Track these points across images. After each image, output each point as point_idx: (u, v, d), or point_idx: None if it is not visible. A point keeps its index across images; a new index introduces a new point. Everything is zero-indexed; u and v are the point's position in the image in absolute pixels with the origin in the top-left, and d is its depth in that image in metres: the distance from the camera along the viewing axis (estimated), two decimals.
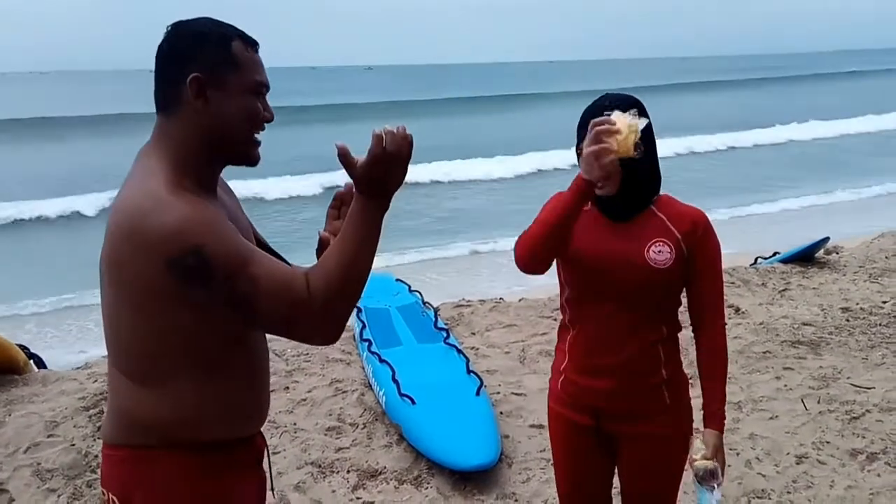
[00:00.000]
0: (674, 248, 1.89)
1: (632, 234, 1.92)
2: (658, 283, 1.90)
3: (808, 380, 4.45)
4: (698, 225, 1.92)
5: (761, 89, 53.76)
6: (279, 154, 20.91)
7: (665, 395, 1.99)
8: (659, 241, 1.90)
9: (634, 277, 1.90)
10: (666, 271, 1.89)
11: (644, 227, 1.92)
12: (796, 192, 14.59)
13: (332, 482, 3.49)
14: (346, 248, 1.38)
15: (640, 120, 1.76)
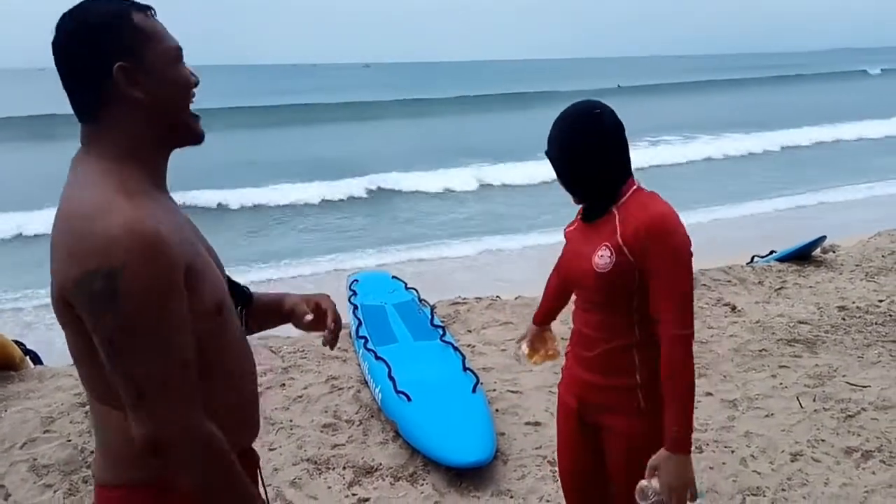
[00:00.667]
0: (614, 253, 1.89)
1: (591, 238, 1.99)
2: (602, 287, 1.93)
3: (804, 378, 4.45)
4: (641, 229, 1.86)
5: (776, 88, 54.03)
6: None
7: (639, 397, 1.98)
8: (604, 246, 1.92)
9: (585, 280, 1.98)
10: (606, 275, 1.90)
11: (600, 232, 1.96)
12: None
13: (328, 479, 3.49)
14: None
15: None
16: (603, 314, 2.00)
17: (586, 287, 2.00)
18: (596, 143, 1.93)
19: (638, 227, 1.86)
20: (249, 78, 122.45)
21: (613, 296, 1.94)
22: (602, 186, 1.97)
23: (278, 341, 5.27)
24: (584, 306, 2.06)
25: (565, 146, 1.96)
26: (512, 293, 6.22)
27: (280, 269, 10.48)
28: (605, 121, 1.94)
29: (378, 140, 28.27)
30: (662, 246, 1.84)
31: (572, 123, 1.95)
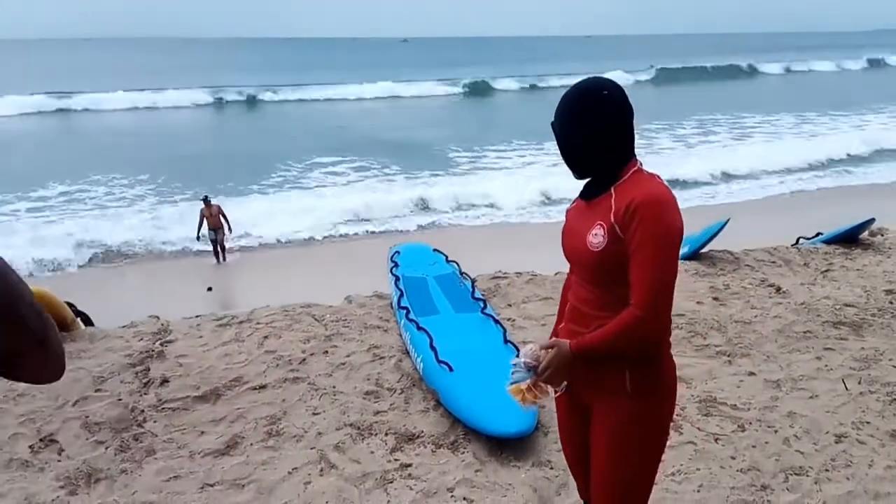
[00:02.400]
0: (607, 232, 1.90)
1: (588, 216, 2.00)
2: (596, 265, 1.94)
3: (849, 360, 4.40)
4: (631, 206, 1.85)
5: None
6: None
7: (626, 379, 1.96)
8: (598, 224, 1.93)
9: (580, 258, 2.00)
10: (600, 254, 1.91)
11: (596, 210, 1.97)
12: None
13: (371, 444, 3.56)
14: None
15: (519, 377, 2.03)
16: (597, 291, 1.98)
17: (581, 264, 2.01)
18: (599, 123, 1.94)
19: (629, 206, 1.86)
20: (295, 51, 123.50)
21: (606, 274, 1.93)
22: (602, 165, 1.98)
23: (321, 310, 5.34)
24: (580, 282, 2.06)
25: (569, 123, 1.98)
26: (552, 269, 6.20)
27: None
28: (612, 101, 1.95)
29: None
30: (647, 225, 1.83)
31: (579, 100, 1.96)
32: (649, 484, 2.09)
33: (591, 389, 2.04)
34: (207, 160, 19.97)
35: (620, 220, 1.87)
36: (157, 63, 71.89)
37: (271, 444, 3.58)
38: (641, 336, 1.87)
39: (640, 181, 1.93)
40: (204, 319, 5.24)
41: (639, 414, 1.97)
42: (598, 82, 1.99)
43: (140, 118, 33.34)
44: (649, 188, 1.88)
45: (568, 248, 2.08)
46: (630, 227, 1.85)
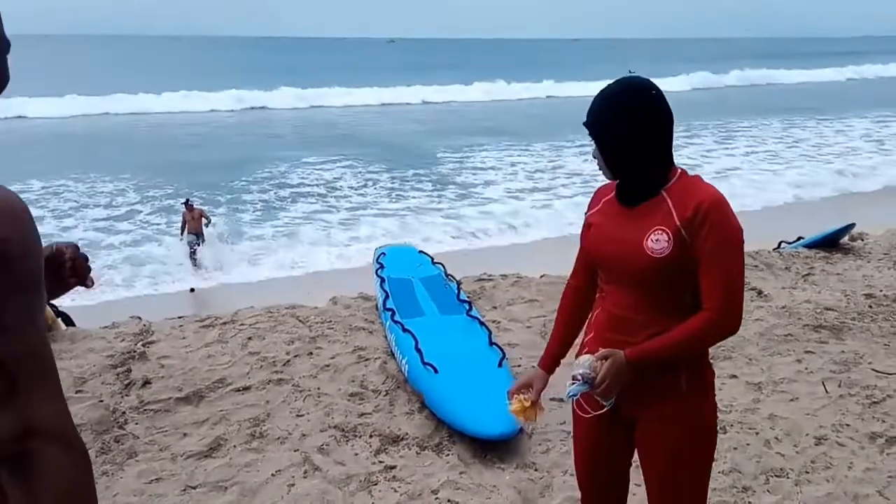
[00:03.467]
0: (672, 237, 1.83)
1: (638, 221, 1.91)
2: (657, 271, 1.85)
3: (830, 364, 4.45)
4: (699, 210, 1.81)
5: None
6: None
7: (682, 382, 1.92)
8: (658, 229, 1.85)
9: (636, 266, 1.89)
10: (664, 260, 1.84)
11: (649, 214, 1.89)
12: None
13: (355, 446, 3.56)
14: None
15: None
16: (652, 298, 1.90)
17: (631, 271, 1.91)
18: (651, 124, 1.87)
19: (698, 206, 1.81)
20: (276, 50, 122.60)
21: (669, 279, 1.87)
22: (651, 168, 1.90)
23: (305, 311, 5.33)
24: (620, 289, 1.96)
25: (617, 118, 1.87)
26: (537, 271, 6.23)
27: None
28: (660, 102, 1.88)
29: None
30: (719, 228, 1.80)
31: (627, 96, 1.88)
32: (705, 491, 2.06)
33: (639, 398, 1.96)
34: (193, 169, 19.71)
35: (689, 225, 1.81)
36: (120, 63, 69.39)
37: (255, 446, 3.57)
38: (719, 338, 1.87)
39: (694, 184, 1.89)
40: (187, 320, 5.21)
41: (694, 413, 1.95)
42: (644, 82, 1.91)
43: (90, 124, 29.30)
44: (709, 191, 1.85)
45: (608, 256, 1.97)
46: (701, 232, 1.80)
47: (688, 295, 1.88)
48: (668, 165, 1.92)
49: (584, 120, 1.94)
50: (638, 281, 1.91)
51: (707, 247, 1.80)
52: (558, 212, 14.29)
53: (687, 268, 1.84)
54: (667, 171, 1.91)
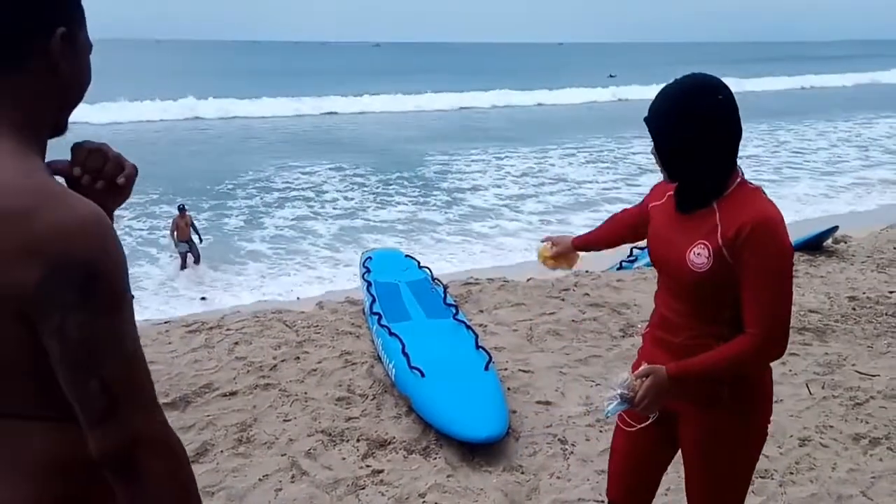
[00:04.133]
0: (712, 253, 1.80)
1: (687, 229, 1.89)
2: (695, 284, 1.85)
3: (813, 366, 4.49)
4: (744, 230, 1.75)
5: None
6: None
7: (724, 391, 1.90)
8: (701, 244, 1.83)
9: (676, 273, 1.90)
10: (702, 275, 1.82)
11: (698, 226, 1.86)
12: None
13: (343, 450, 3.55)
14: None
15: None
16: (691, 306, 1.91)
17: (675, 279, 1.93)
18: (715, 127, 1.80)
19: (741, 229, 1.76)
20: (258, 55, 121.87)
21: (705, 293, 1.86)
22: (709, 176, 1.85)
23: (292, 316, 5.33)
24: (670, 293, 1.98)
25: (678, 119, 1.80)
26: (524, 275, 6.26)
27: None
28: (729, 105, 1.81)
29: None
30: (764, 252, 1.76)
31: (691, 97, 1.80)
32: (745, 491, 2.06)
33: (683, 397, 1.96)
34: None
35: (730, 245, 1.77)
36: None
37: (242, 451, 3.56)
38: (761, 363, 1.86)
39: (747, 198, 1.82)
40: (173, 325, 5.20)
41: (735, 426, 1.93)
42: (712, 83, 1.83)
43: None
44: (759, 209, 1.79)
45: (660, 257, 2.00)
46: (743, 254, 1.76)
47: (727, 310, 1.85)
48: (726, 175, 1.85)
49: (646, 116, 1.88)
50: (680, 290, 1.93)
51: (750, 270, 1.76)
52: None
53: (726, 284, 1.81)
54: (725, 180, 1.85)
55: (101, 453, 1.05)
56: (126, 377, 1.05)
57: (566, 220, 14.33)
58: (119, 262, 1.05)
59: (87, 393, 1.03)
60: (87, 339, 1.01)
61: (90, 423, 1.04)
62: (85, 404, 1.03)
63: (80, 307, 1.00)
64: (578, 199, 16.33)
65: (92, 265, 1.00)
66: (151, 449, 1.06)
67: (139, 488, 1.07)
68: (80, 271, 0.99)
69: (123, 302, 1.05)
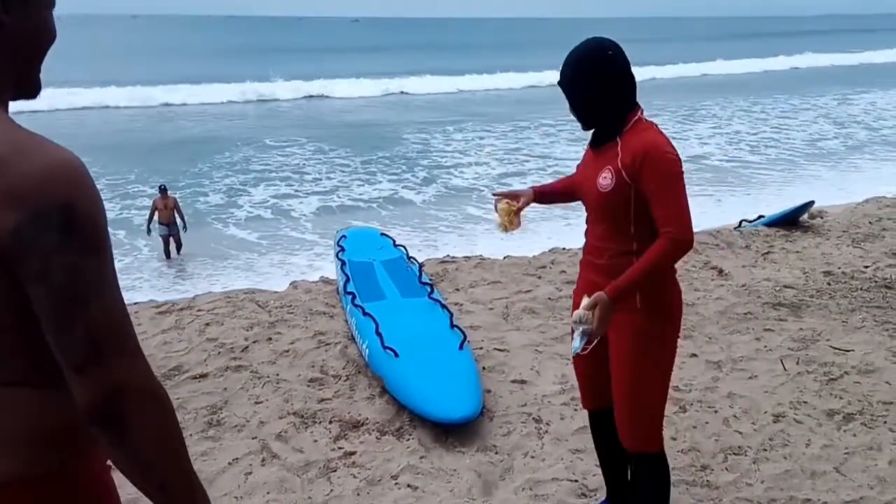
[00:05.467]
0: (614, 175, 2.22)
1: (597, 161, 2.31)
2: (603, 204, 2.27)
3: (788, 341, 4.49)
4: (638, 155, 2.17)
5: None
6: None
7: (637, 300, 2.27)
8: (607, 169, 2.24)
9: (590, 198, 2.34)
10: (609, 194, 2.23)
11: (604, 156, 2.28)
12: None
13: (315, 432, 3.50)
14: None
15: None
16: (606, 227, 2.32)
17: (592, 204, 2.35)
18: (604, 81, 2.22)
19: (635, 154, 2.17)
20: (235, 31, 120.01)
21: (613, 211, 2.26)
22: (609, 117, 2.27)
23: (265, 296, 5.25)
24: (593, 220, 2.39)
25: (576, 82, 2.24)
26: (500, 253, 6.21)
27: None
28: (617, 59, 2.23)
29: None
30: (655, 169, 2.15)
31: (585, 62, 2.23)
32: (663, 392, 2.40)
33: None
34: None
35: (628, 168, 2.18)
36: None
37: (211, 435, 3.50)
38: (678, 253, 2.17)
39: (640, 131, 2.23)
40: (142, 306, 5.10)
41: (648, 328, 2.30)
42: (599, 41, 2.26)
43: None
44: (649, 138, 2.19)
45: (580, 188, 2.41)
46: (642, 175, 2.16)
47: (634, 226, 2.25)
48: (622, 113, 2.27)
49: (558, 80, 2.30)
50: (594, 210, 2.35)
51: (651, 186, 2.16)
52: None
53: (628, 201, 2.22)
54: (622, 118, 2.26)
55: (86, 402, 1.03)
56: (110, 322, 1.04)
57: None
58: (97, 203, 1.04)
59: (72, 337, 1.01)
60: (70, 281, 1.00)
61: (75, 369, 1.02)
62: (69, 350, 1.02)
63: (62, 248, 0.99)
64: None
65: (70, 206, 1.00)
66: (138, 398, 1.05)
67: (126, 438, 1.05)
68: (58, 213, 0.99)
69: (105, 244, 1.05)
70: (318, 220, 13.20)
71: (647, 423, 2.41)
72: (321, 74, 35.88)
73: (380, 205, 14.24)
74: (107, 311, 1.04)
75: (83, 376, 1.02)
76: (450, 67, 40.23)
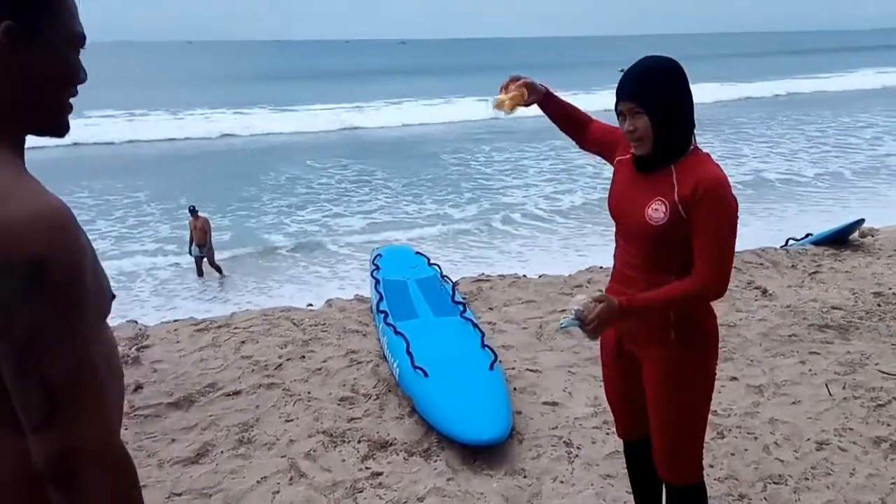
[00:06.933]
0: (668, 209, 2.03)
1: (646, 188, 2.10)
2: (652, 236, 2.08)
3: (834, 365, 4.32)
4: (698, 190, 1.98)
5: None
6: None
7: (671, 333, 2.15)
8: (659, 200, 2.05)
9: (635, 228, 2.13)
10: (659, 228, 2.05)
11: (655, 184, 2.08)
12: None
13: (343, 451, 3.48)
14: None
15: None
16: (645, 257, 2.14)
17: (635, 233, 2.14)
18: (686, 96, 2.06)
19: (696, 187, 1.98)
20: (280, 53, 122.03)
21: (659, 245, 2.09)
22: (684, 137, 2.07)
23: (300, 314, 5.27)
24: (625, 246, 2.22)
25: (665, 93, 2.03)
26: (536, 271, 6.14)
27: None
28: (683, 79, 2.07)
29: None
30: (714, 208, 1.98)
31: (667, 74, 2.04)
32: (703, 423, 2.28)
33: (638, 342, 2.26)
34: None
35: (686, 202, 2.00)
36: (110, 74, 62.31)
37: (242, 452, 3.50)
38: (704, 298, 2.08)
39: (699, 162, 2.05)
40: (181, 324, 5.16)
41: (683, 360, 2.17)
42: (667, 61, 2.08)
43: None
44: (710, 171, 2.02)
45: (620, 210, 2.20)
46: (697, 210, 1.99)
47: (676, 260, 2.09)
48: (689, 142, 2.09)
49: (622, 92, 2.05)
50: (637, 241, 2.15)
51: (702, 223, 2.00)
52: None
53: (678, 237, 2.04)
54: (686, 145, 2.08)
55: (39, 461, 1.00)
56: (71, 379, 1.00)
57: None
58: (75, 256, 1.01)
59: (28, 397, 0.98)
60: (30, 338, 0.97)
61: (31, 427, 0.99)
62: (26, 407, 0.99)
63: (25, 303, 0.96)
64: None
65: (40, 261, 0.96)
66: (91, 460, 1.01)
67: (77, 501, 1.01)
68: (26, 266, 0.96)
69: (79, 298, 1.01)
70: (358, 238, 13.30)
71: (686, 455, 2.30)
72: (374, 97, 35.91)
73: (422, 224, 14.28)
74: (68, 369, 0.99)
75: (37, 434, 0.99)
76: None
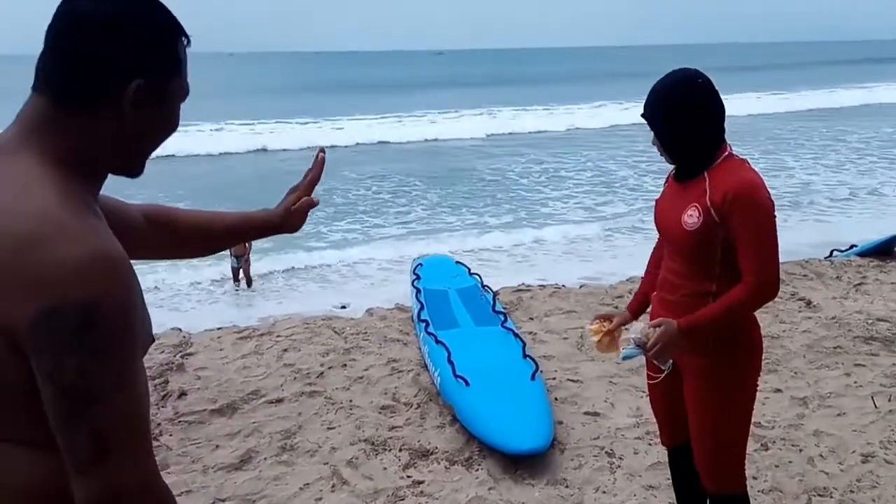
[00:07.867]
0: (702, 214, 2.07)
1: (683, 196, 2.17)
2: (689, 242, 2.13)
3: (880, 377, 4.25)
4: (728, 195, 2.03)
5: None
6: None
7: (709, 341, 2.15)
8: (693, 206, 2.10)
9: (673, 234, 2.19)
10: (694, 233, 2.10)
11: (691, 191, 2.14)
12: None
13: (384, 460, 3.52)
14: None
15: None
16: (686, 265, 2.19)
17: (674, 241, 2.21)
18: (698, 110, 2.10)
19: (726, 193, 2.03)
20: (320, 65, 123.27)
21: (697, 250, 2.13)
22: (699, 149, 2.14)
23: (342, 322, 5.35)
24: (670, 255, 2.28)
25: (668, 111, 2.11)
26: (577, 282, 6.14)
27: None
28: (707, 89, 2.11)
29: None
30: (747, 212, 2.02)
31: (676, 90, 2.11)
32: (744, 431, 2.29)
33: (680, 350, 2.23)
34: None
35: (718, 207, 2.05)
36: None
37: (285, 459, 3.57)
38: (759, 303, 2.09)
39: (732, 168, 2.10)
40: (225, 332, 5.27)
41: (723, 368, 2.19)
42: (689, 71, 2.15)
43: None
44: (740, 176, 2.06)
45: (662, 221, 2.28)
46: (731, 215, 2.03)
47: (716, 266, 2.13)
48: (714, 149, 2.14)
49: (642, 112, 2.18)
50: (677, 248, 2.21)
51: (740, 229, 2.03)
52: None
53: (714, 241, 2.09)
54: (713, 151, 2.14)
55: (82, 502, 1.01)
56: (118, 426, 1.00)
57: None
58: (128, 300, 1.00)
59: (75, 441, 0.98)
60: (80, 384, 0.96)
61: (76, 470, 1.00)
62: (72, 451, 0.99)
63: (76, 350, 0.95)
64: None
65: (93, 306, 0.95)
66: (139, 501, 1.03)
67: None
68: (78, 312, 0.95)
69: (124, 345, 1.00)
70: (398, 248, 13.34)
71: (729, 463, 2.30)
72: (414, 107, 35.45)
73: (461, 235, 14.28)
74: (117, 413, 1.00)
75: (83, 477, 1.00)
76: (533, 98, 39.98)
